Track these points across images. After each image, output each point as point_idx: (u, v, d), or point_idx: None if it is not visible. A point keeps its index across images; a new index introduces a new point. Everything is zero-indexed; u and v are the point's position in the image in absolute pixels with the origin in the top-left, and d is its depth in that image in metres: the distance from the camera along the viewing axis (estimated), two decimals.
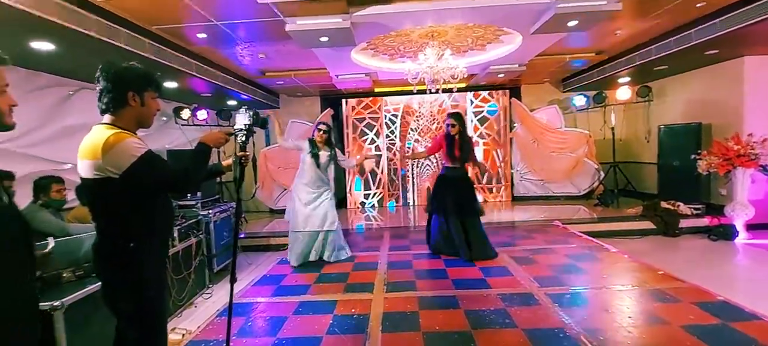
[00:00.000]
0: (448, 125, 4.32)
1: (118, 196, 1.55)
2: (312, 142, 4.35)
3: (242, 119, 2.03)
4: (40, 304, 2.18)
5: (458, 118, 4.36)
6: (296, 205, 4.35)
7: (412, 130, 8.30)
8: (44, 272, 2.27)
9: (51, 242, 2.12)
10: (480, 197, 4.89)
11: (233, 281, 2.11)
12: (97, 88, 1.60)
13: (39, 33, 3.17)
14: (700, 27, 4.51)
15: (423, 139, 8.28)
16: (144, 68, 1.69)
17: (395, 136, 8.33)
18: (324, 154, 4.33)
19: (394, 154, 8.27)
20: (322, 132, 4.34)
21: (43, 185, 3.18)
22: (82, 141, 1.56)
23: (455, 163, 4.33)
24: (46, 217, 3.07)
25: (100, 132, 1.54)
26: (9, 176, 3.05)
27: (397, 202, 8.36)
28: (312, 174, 4.30)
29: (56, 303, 2.19)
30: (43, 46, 3.43)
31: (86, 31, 3.21)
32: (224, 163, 2.04)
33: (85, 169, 1.54)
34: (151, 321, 1.68)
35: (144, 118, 1.69)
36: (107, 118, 1.61)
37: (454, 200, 4.27)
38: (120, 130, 1.55)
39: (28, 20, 2.81)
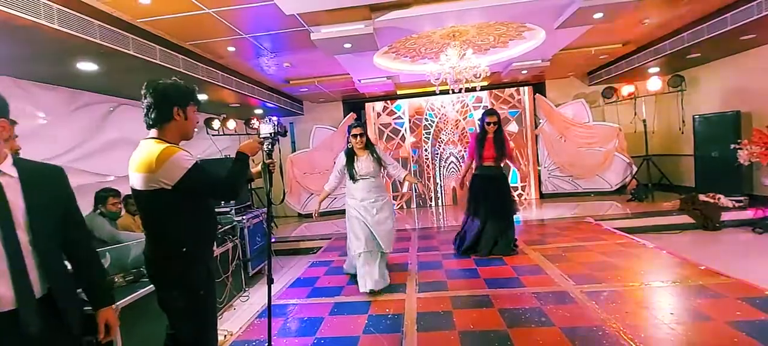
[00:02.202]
0: (485, 123, 4.28)
1: (170, 205, 1.65)
2: (349, 152, 3.75)
3: (267, 128, 2.12)
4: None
5: (497, 115, 4.31)
6: (352, 224, 3.67)
7: (424, 132, 8.30)
8: None
9: (107, 258, 2.28)
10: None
11: (270, 282, 2.21)
12: (143, 104, 1.69)
13: (83, 54, 3.37)
14: (736, 11, 4.33)
15: (447, 144, 8.26)
16: (185, 84, 1.78)
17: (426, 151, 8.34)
18: (364, 161, 3.68)
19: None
20: (357, 136, 3.68)
21: (102, 197, 3.46)
22: (133, 155, 1.66)
23: (491, 162, 4.28)
24: (101, 223, 3.31)
25: (152, 146, 1.63)
26: None
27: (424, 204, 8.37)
28: (360, 187, 3.69)
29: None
30: (87, 66, 3.65)
31: (124, 50, 3.40)
32: (253, 170, 2.10)
33: (138, 181, 1.63)
34: (204, 318, 1.79)
35: (187, 131, 1.78)
36: (154, 132, 1.70)
37: (492, 201, 4.23)
38: (169, 145, 1.65)
39: (73, 43, 3.00)
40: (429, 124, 8.32)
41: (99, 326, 1.57)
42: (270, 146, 2.11)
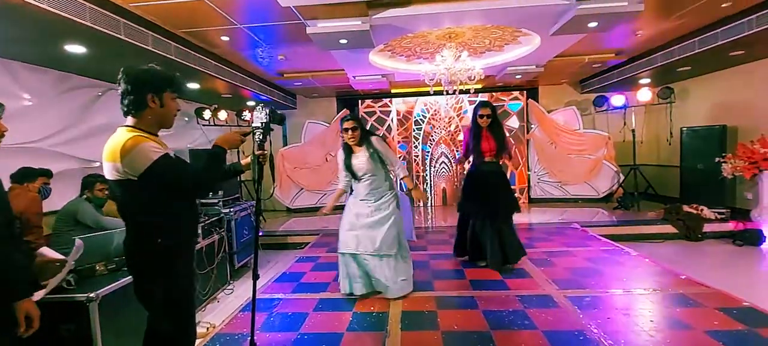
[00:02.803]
0: (478, 116, 3.89)
1: (140, 197, 1.61)
2: (345, 146, 3.35)
3: (259, 117, 2.03)
4: (76, 296, 2.32)
5: (490, 107, 3.94)
6: (343, 223, 3.38)
7: (417, 129, 8.31)
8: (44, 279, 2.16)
9: (79, 245, 2.20)
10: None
11: (255, 277, 2.15)
12: (119, 91, 1.65)
13: (72, 36, 3.30)
14: (726, 27, 4.41)
15: (438, 143, 8.29)
16: (163, 70, 1.72)
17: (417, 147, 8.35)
18: (360, 158, 3.29)
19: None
20: (348, 131, 3.25)
21: (90, 182, 3.37)
22: (106, 143, 1.62)
23: (490, 156, 3.91)
24: (87, 209, 3.23)
25: (121, 135, 1.59)
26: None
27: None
28: (361, 185, 3.33)
29: (92, 295, 2.30)
30: (75, 49, 3.58)
31: (115, 34, 3.34)
32: (243, 161, 2.03)
33: (107, 171, 1.61)
34: (181, 313, 1.75)
35: (164, 118, 1.72)
36: (129, 120, 1.65)
37: (489, 200, 3.83)
38: (138, 134, 1.59)
39: (64, 24, 2.94)
40: (420, 119, 8.30)
41: (19, 318, 1.45)
42: (262, 136, 2.00)
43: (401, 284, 3.29)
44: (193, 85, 5.51)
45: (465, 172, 4.11)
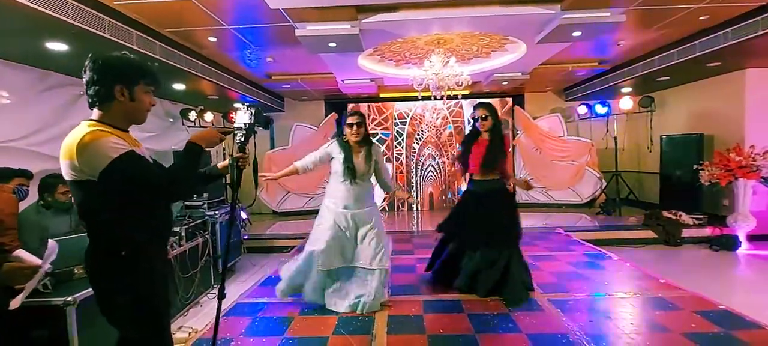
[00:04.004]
0: (475, 119, 3.32)
1: (99, 199, 1.42)
2: (344, 144, 3.07)
3: (242, 117, 1.86)
4: (53, 299, 2.25)
5: (489, 108, 3.32)
6: (320, 233, 3.10)
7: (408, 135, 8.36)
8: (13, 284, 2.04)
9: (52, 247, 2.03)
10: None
11: (222, 297, 1.92)
12: (84, 79, 1.47)
13: (53, 34, 3.23)
14: (703, 39, 4.57)
15: (424, 146, 8.34)
16: (137, 60, 1.54)
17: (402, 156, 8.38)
18: (360, 158, 3.05)
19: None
20: (353, 126, 3.02)
21: (50, 184, 3.01)
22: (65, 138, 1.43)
23: (487, 173, 3.30)
24: (31, 224, 2.87)
25: (80, 130, 1.40)
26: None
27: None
28: (348, 191, 3.05)
29: (69, 299, 2.24)
30: (56, 46, 3.49)
31: (99, 32, 3.27)
32: (220, 164, 1.85)
33: (64, 170, 1.41)
34: (152, 324, 1.56)
35: (135, 113, 1.54)
36: (95, 113, 1.48)
37: (485, 225, 3.21)
38: (99, 128, 1.41)
39: (44, 21, 2.87)
40: (401, 123, 8.35)
41: None
42: (243, 138, 1.83)
43: (377, 299, 3.10)
44: (178, 86, 5.43)
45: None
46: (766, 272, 4.52)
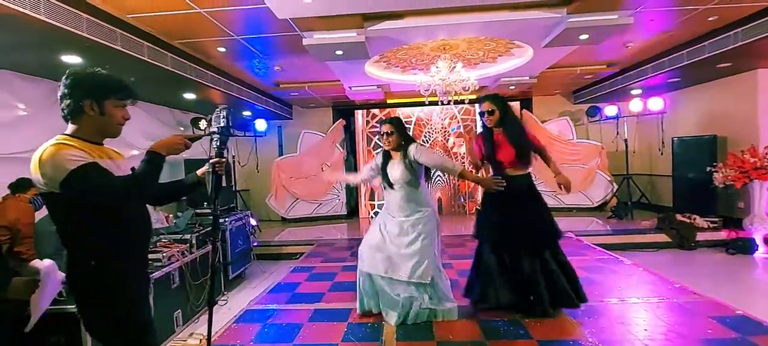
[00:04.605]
0: (482, 114, 3.09)
1: (64, 211, 1.47)
2: (384, 153, 3.08)
3: (217, 121, 1.84)
4: (68, 306, 2.29)
5: (495, 100, 3.06)
6: (369, 237, 3.08)
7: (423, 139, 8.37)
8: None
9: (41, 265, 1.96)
10: None
11: (212, 304, 1.96)
12: (58, 95, 1.52)
13: (68, 47, 3.31)
14: (713, 40, 4.51)
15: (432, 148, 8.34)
16: (109, 75, 1.57)
17: None
18: (395, 166, 2.98)
19: None
20: (385, 135, 2.98)
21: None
22: None
23: (510, 168, 3.04)
24: (46, 235, 2.88)
25: (47, 143, 1.45)
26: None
27: None
28: (390, 197, 3.04)
29: None
30: (71, 59, 3.58)
31: (112, 45, 3.35)
32: (199, 172, 1.83)
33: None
34: (132, 339, 1.55)
35: (106, 127, 1.57)
36: (69, 127, 1.53)
37: (518, 222, 2.95)
38: (64, 142, 1.45)
39: (59, 35, 2.95)
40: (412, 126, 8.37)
41: None
42: (219, 144, 1.81)
43: (420, 314, 2.97)
44: (189, 95, 5.53)
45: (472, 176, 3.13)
46: None
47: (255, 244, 5.96)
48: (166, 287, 3.17)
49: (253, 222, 6.36)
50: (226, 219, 4.64)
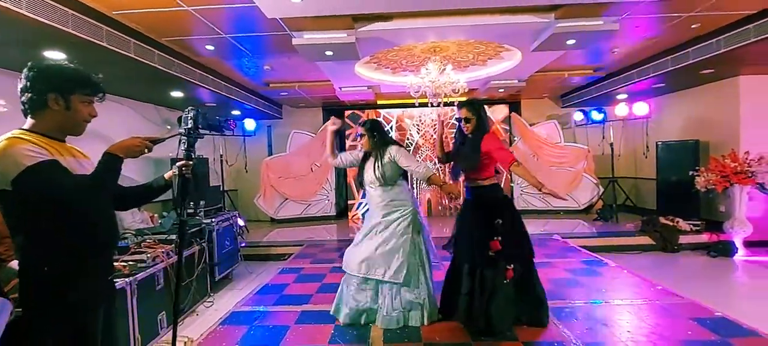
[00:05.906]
0: (459, 120, 2.97)
1: (18, 210, 1.38)
2: (365, 154, 3.15)
3: (185, 123, 1.79)
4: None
5: (471, 107, 2.92)
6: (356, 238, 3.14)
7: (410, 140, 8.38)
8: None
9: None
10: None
11: (177, 314, 1.91)
12: (18, 87, 1.44)
13: (52, 43, 3.24)
14: (696, 47, 4.61)
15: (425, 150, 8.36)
16: (77, 68, 1.50)
17: None
18: (369, 167, 3.01)
19: None
20: (361, 136, 3.07)
21: None
22: None
23: (469, 177, 2.98)
24: None
25: (2, 138, 1.37)
26: None
27: None
28: (369, 197, 3.11)
29: None
30: (54, 55, 3.50)
31: (98, 42, 3.29)
32: (166, 175, 1.78)
33: None
34: None
35: (71, 124, 1.49)
36: (28, 122, 1.45)
37: (464, 234, 2.94)
38: (20, 136, 1.37)
39: (44, 31, 2.88)
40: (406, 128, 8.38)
41: None
42: (186, 146, 1.76)
43: (394, 316, 2.93)
44: (177, 94, 5.45)
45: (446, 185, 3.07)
46: (763, 278, 4.52)
47: (243, 245, 5.89)
48: (151, 289, 3.12)
49: (241, 222, 6.30)
50: (213, 219, 4.58)
